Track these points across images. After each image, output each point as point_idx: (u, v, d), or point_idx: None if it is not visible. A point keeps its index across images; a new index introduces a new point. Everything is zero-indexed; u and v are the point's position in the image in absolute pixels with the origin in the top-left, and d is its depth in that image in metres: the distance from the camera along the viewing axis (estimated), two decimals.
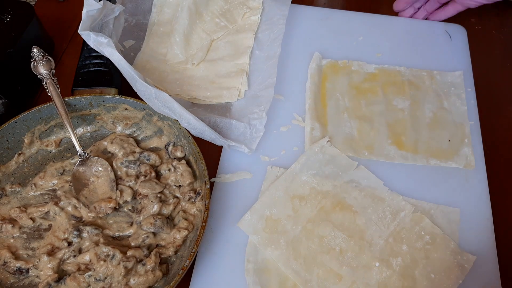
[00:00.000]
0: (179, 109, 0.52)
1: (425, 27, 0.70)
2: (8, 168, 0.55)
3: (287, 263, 0.49)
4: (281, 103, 0.62)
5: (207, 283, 0.49)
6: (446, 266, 0.49)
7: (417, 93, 0.63)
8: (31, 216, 0.51)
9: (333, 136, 0.59)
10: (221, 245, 0.51)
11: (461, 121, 0.60)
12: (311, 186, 0.54)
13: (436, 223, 0.52)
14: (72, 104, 0.55)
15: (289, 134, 0.59)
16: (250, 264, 0.49)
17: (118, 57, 0.52)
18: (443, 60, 0.66)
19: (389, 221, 0.52)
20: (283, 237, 0.51)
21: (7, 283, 0.48)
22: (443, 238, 0.51)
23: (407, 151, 0.58)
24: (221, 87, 0.62)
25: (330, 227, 0.51)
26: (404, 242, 0.51)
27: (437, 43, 0.68)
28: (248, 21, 0.69)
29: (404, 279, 0.49)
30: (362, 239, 0.51)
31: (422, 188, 0.55)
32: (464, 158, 0.57)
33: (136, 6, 0.70)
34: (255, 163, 0.56)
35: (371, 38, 0.68)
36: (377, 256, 0.50)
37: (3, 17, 0.60)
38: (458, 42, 0.69)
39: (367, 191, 0.54)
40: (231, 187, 0.54)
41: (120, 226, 0.51)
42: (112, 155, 0.56)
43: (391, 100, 0.62)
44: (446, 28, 0.69)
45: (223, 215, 0.53)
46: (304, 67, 0.64)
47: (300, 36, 0.68)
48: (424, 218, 0.52)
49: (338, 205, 0.53)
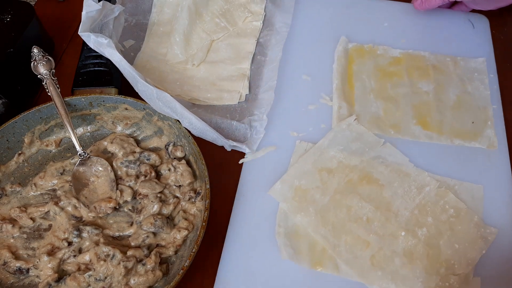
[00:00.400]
0: (180, 109, 0.52)
1: (448, 15, 0.72)
2: (8, 168, 0.55)
3: (316, 229, 0.51)
4: (308, 83, 0.64)
5: (239, 244, 0.51)
6: (470, 238, 0.51)
7: (441, 77, 0.64)
8: (31, 216, 0.51)
9: (360, 115, 0.61)
10: (253, 211, 0.53)
11: (484, 104, 0.62)
12: (338, 160, 0.56)
13: (460, 199, 0.54)
14: (72, 104, 0.55)
15: (316, 112, 0.61)
16: (281, 228, 0.52)
17: (118, 57, 0.52)
18: (466, 47, 0.68)
19: (415, 195, 0.54)
20: (312, 206, 0.53)
21: (7, 283, 0.48)
22: (467, 212, 0.53)
23: (432, 131, 0.59)
24: (222, 90, 0.62)
25: (357, 198, 0.53)
26: (429, 214, 0.52)
27: (460, 31, 0.70)
28: (249, 26, 0.69)
29: (429, 248, 0.50)
30: (389, 210, 0.53)
31: (446, 166, 0.57)
32: (487, 139, 0.59)
33: (136, 6, 0.70)
34: (284, 138, 0.59)
35: (396, 25, 0.70)
36: (403, 226, 0.52)
37: (3, 17, 0.60)
38: (480, 31, 0.70)
39: (393, 167, 0.56)
40: (262, 160, 0.57)
41: (120, 226, 0.51)
42: (112, 155, 0.56)
43: (416, 83, 0.64)
44: (468, 17, 0.71)
45: (254, 185, 0.55)
46: (331, 50, 0.67)
47: (326, 21, 0.71)
48: (448, 192, 0.54)
49: (365, 178, 0.55)
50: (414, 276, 0.49)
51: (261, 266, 0.50)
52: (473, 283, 0.48)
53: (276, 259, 0.50)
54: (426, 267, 0.49)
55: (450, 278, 0.48)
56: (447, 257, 0.50)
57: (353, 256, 0.50)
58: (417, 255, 0.50)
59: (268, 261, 0.50)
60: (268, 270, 0.49)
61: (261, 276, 0.49)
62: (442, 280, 0.48)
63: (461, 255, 0.50)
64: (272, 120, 0.60)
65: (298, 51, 0.68)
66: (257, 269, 0.49)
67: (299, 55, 0.67)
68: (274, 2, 0.71)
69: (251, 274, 0.49)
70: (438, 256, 0.50)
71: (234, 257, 0.50)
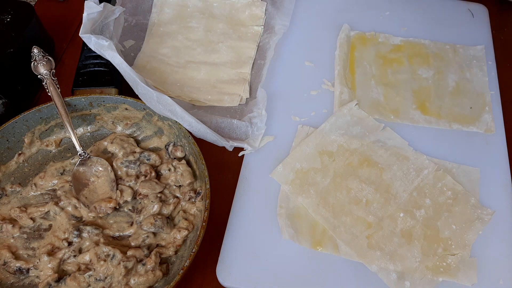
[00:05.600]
0: (180, 112, 0.52)
1: (449, 5, 0.73)
2: (8, 168, 0.55)
3: (316, 210, 0.53)
4: (311, 69, 0.65)
5: (242, 225, 0.52)
6: (467, 219, 0.52)
7: (440, 64, 0.66)
8: (31, 216, 0.51)
9: (361, 100, 0.62)
10: (255, 192, 0.54)
11: (482, 91, 0.63)
12: (339, 144, 0.57)
13: (457, 181, 0.55)
14: (72, 104, 0.55)
15: (318, 97, 0.63)
16: (282, 209, 0.53)
17: (119, 60, 0.52)
18: (465, 35, 0.70)
19: (413, 177, 0.55)
20: (312, 188, 0.54)
21: (7, 283, 0.48)
22: (464, 194, 0.54)
23: (431, 115, 0.61)
24: (222, 92, 0.63)
25: (357, 181, 0.54)
26: (427, 196, 0.54)
27: (460, 20, 0.72)
28: (250, 30, 0.69)
29: (427, 229, 0.51)
30: (388, 192, 0.54)
31: (444, 150, 0.58)
32: (485, 124, 0.60)
33: (136, 6, 0.70)
34: (286, 122, 0.60)
35: (397, 13, 0.72)
36: (402, 207, 0.53)
37: (3, 17, 0.60)
38: (479, 20, 0.72)
39: (393, 150, 0.57)
40: (264, 144, 0.58)
41: (120, 226, 0.51)
42: (112, 155, 0.56)
43: (416, 69, 0.65)
44: (468, 7, 0.73)
45: (257, 167, 0.56)
46: (333, 38, 0.68)
47: (330, 10, 0.72)
48: (446, 175, 0.55)
49: (365, 161, 0.56)
50: (412, 256, 0.50)
51: (262, 245, 0.51)
52: (470, 263, 0.49)
53: (278, 239, 0.51)
54: (424, 247, 0.50)
55: (447, 258, 0.50)
56: (445, 238, 0.51)
57: (353, 237, 0.51)
58: (415, 235, 0.51)
59: (269, 241, 0.51)
60: (270, 250, 0.50)
61: (262, 255, 0.50)
62: (440, 260, 0.49)
63: (458, 236, 0.51)
64: (275, 105, 0.61)
65: (302, 38, 0.69)
66: (259, 249, 0.50)
67: (302, 42, 0.68)
68: (274, 5, 0.71)
69: (253, 253, 0.50)
70: (435, 236, 0.51)
71: (236, 237, 0.51)
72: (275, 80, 0.64)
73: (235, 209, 0.53)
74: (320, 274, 0.49)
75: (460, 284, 0.48)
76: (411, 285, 0.48)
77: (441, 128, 0.60)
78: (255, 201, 0.54)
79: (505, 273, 0.49)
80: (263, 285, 0.48)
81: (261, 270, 0.49)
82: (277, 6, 0.71)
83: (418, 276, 0.48)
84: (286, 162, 0.56)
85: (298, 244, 0.50)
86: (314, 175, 0.55)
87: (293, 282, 0.48)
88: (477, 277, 0.49)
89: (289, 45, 0.68)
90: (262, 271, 0.49)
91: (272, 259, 0.50)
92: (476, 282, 0.48)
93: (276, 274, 0.49)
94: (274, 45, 0.66)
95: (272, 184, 0.55)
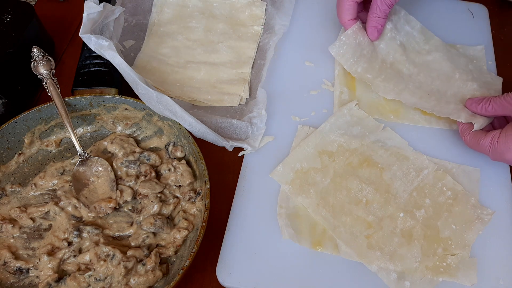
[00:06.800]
0: (180, 112, 0.52)
1: (449, 5, 0.74)
2: (8, 168, 0.55)
3: (316, 210, 0.53)
4: (311, 69, 0.65)
5: (242, 225, 0.52)
6: (467, 219, 0.52)
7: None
8: (31, 216, 0.51)
9: (361, 100, 0.62)
10: (255, 192, 0.54)
11: None
12: (339, 144, 0.57)
13: (457, 181, 0.55)
14: (72, 104, 0.55)
15: (318, 98, 0.63)
16: (282, 209, 0.53)
17: (119, 60, 0.52)
18: (465, 35, 0.70)
19: (413, 177, 0.55)
20: (312, 188, 0.54)
21: (7, 283, 0.48)
22: (464, 194, 0.54)
23: (431, 115, 0.60)
24: (222, 92, 0.62)
25: (357, 181, 0.54)
26: (427, 196, 0.53)
27: (460, 20, 0.72)
28: (250, 30, 0.69)
29: (427, 229, 0.51)
30: (388, 192, 0.54)
31: (444, 150, 0.58)
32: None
33: (136, 6, 0.70)
34: (286, 122, 0.60)
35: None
36: (402, 207, 0.53)
37: (3, 17, 0.60)
38: (479, 20, 0.72)
39: (393, 150, 0.57)
40: (264, 144, 0.58)
41: (120, 226, 0.51)
42: (112, 155, 0.56)
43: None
44: (468, 7, 0.73)
45: (257, 167, 0.56)
46: (333, 38, 0.67)
47: (329, 9, 0.72)
48: (446, 175, 0.55)
49: (365, 161, 0.56)
50: (412, 256, 0.50)
51: (262, 245, 0.51)
52: (470, 263, 0.49)
53: (278, 239, 0.51)
54: (424, 247, 0.50)
55: (447, 258, 0.50)
56: (445, 238, 0.51)
57: (353, 237, 0.51)
58: (415, 235, 0.51)
59: (269, 241, 0.51)
60: (270, 250, 0.50)
61: (262, 255, 0.50)
62: (440, 260, 0.49)
63: (458, 236, 0.51)
64: (275, 105, 0.61)
65: (302, 38, 0.69)
66: (258, 249, 0.50)
67: (302, 42, 0.68)
68: (274, 5, 0.71)
69: (253, 253, 0.50)
70: (435, 236, 0.51)
71: (236, 237, 0.51)
72: (275, 80, 0.64)
73: (235, 209, 0.53)
74: (320, 274, 0.49)
75: (460, 284, 0.48)
76: (411, 285, 0.48)
77: (441, 128, 0.60)
78: (255, 201, 0.54)
79: (505, 273, 0.49)
80: (263, 285, 0.48)
81: (261, 270, 0.49)
82: (277, 6, 0.71)
83: (418, 276, 0.48)
84: (286, 162, 0.56)
85: (298, 244, 0.50)
86: (314, 175, 0.55)
87: (293, 282, 0.48)
88: (477, 277, 0.48)
89: (289, 45, 0.68)
90: (262, 271, 0.49)
91: (272, 259, 0.50)
92: (476, 282, 0.48)
93: (276, 274, 0.49)
94: (274, 45, 0.66)
95: (272, 184, 0.55)
